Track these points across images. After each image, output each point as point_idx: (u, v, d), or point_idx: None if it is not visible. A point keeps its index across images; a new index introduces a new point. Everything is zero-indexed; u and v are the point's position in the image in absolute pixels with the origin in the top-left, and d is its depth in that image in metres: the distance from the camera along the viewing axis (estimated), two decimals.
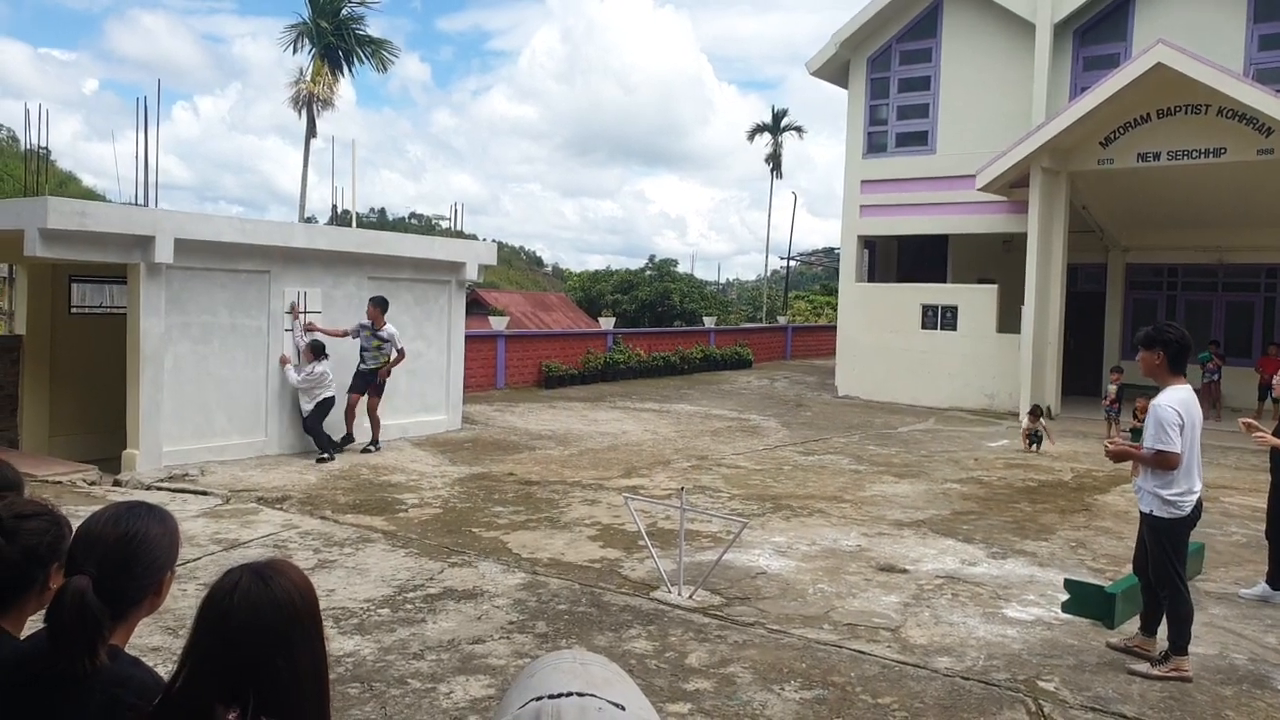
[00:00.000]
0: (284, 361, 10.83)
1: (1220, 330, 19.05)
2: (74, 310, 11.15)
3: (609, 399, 17.38)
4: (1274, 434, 6.44)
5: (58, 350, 10.91)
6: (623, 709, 1.00)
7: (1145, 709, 4.75)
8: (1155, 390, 5.28)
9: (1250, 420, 6.58)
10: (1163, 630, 5.27)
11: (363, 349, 11.29)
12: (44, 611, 1.75)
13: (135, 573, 1.77)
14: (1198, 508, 5.15)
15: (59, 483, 9.00)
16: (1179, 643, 5.13)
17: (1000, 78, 17.92)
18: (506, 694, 1.07)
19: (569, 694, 1.00)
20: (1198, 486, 5.12)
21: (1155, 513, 5.11)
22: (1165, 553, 5.12)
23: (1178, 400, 5.04)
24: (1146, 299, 20.21)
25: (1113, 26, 17.27)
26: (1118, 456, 5.47)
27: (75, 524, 1.88)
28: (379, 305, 11.32)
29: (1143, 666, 5.20)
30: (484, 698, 4.66)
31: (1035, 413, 13.39)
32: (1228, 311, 19.31)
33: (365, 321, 11.29)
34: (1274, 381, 6.97)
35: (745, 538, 7.30)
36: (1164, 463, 4.99)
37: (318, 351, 10.80)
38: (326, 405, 10.85)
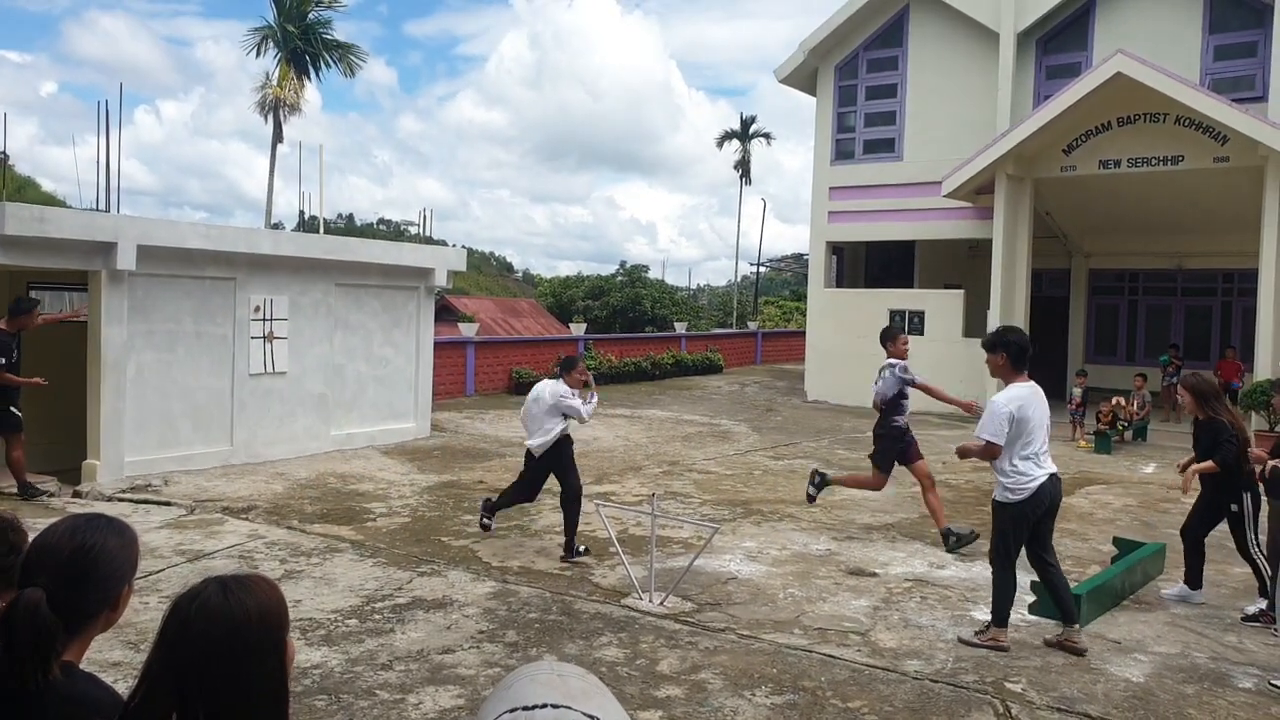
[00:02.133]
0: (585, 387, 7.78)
1: (1179, 334, 19.41)
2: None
3: None
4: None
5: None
6: None
7: (1110, 708, 4.82)
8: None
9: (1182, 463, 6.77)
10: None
11: (901, 397, 8.29)
12: None
13: (91, 587, 1.73)
14: (1042, 492, 5.46)
15: (11, 493, 8.81)
16: (999, 616, 5.57)
17: (966, 85, 18.15)
18: (482, 705, 1.06)
19: (544, 705, 1.00)
20: (1038, 473, 5.44)
21: (997, 497, 5.58)
22: (1004, 533, 5.56)
23: (1013, 396, 5.45)
24: (1108, 303, 20.55)
25: (1074, 36, 17.57)
26: (962, 453, 5.77)
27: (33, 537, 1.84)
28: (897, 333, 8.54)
29: (967, 634, 5.64)
30: (453, 708, 4.62)
31: None
32: (1186, 316, 19.68)
33: (893, 361, 8.27)
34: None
35: (716, 543, 7.32)
36: (988, 452, 5.47)
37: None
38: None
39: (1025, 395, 5.48)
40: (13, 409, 8.75)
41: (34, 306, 8.87)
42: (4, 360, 8.59)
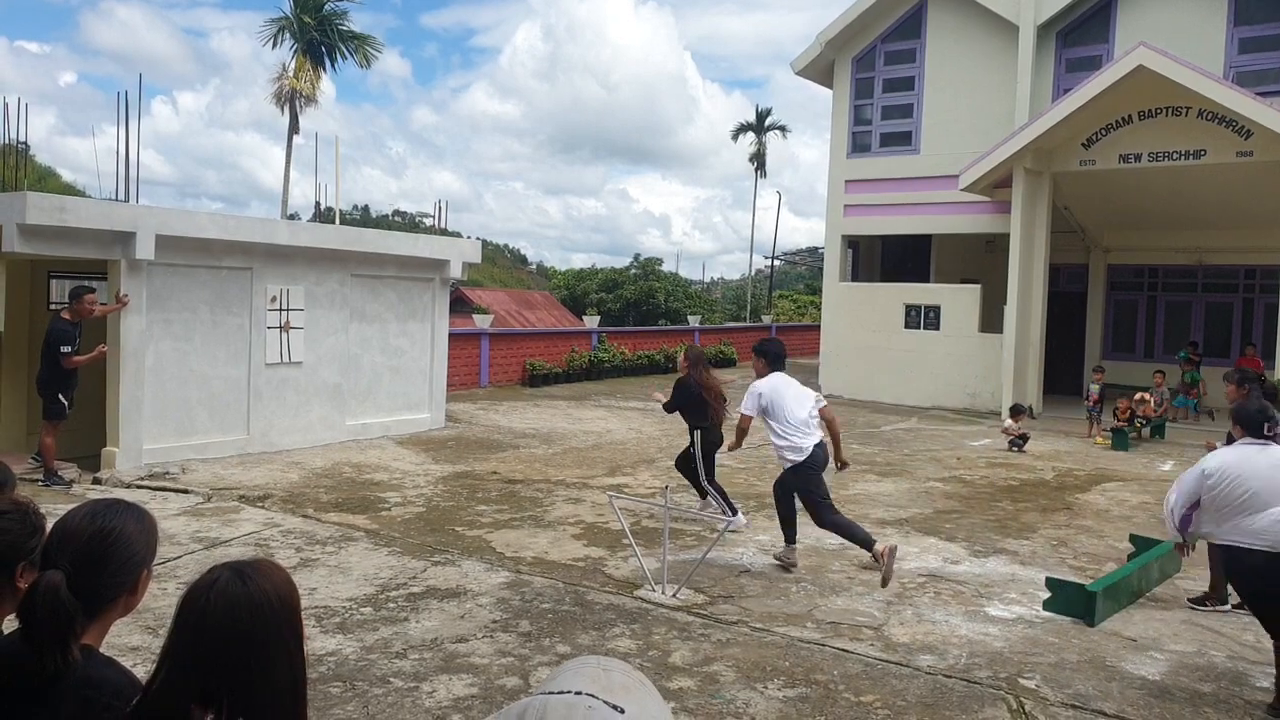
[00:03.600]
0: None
1: (1199, 331, 19.23)
2: (53, 306, 11.01)
3: (593, 397, 17.36)
4: None
5: (36, 347, 10.77)
6: (621, 711, 0.99)
7: (1125, 706, 4.79)
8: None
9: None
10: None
11: None
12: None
13: (110, 570, 1.75)
14: (815, 455, 6.84)
15: (36, 480, 8.91)
16: (788, 536, 7.09)
17: (984, 79, 18.01)
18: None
19: (565, 692, 1.00)
20: (805, 444, 6.81)
21: (788, 459, 6.92)
22: (784, 484, 7.03)
23: (765, 383, 7.06)
24: (1127, 300, 20.38)
25: (1095, 28, 17.39)
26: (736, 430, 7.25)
27: (52, 522, 1.86)
28: None
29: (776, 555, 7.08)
30: (466, 697, 4.64)
31: (1018, 411, 13.47)
32: (1207, 312, 19.50)
33: None
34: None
35: (729, 536, 7.31)
36: (743, 422, 7.11)
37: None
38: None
39: (777, 382, 7.04)
40: (61, 396, 8.97)
41: (87, 293, 9.15)
42: (70, 349, 8.88)
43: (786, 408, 6.88)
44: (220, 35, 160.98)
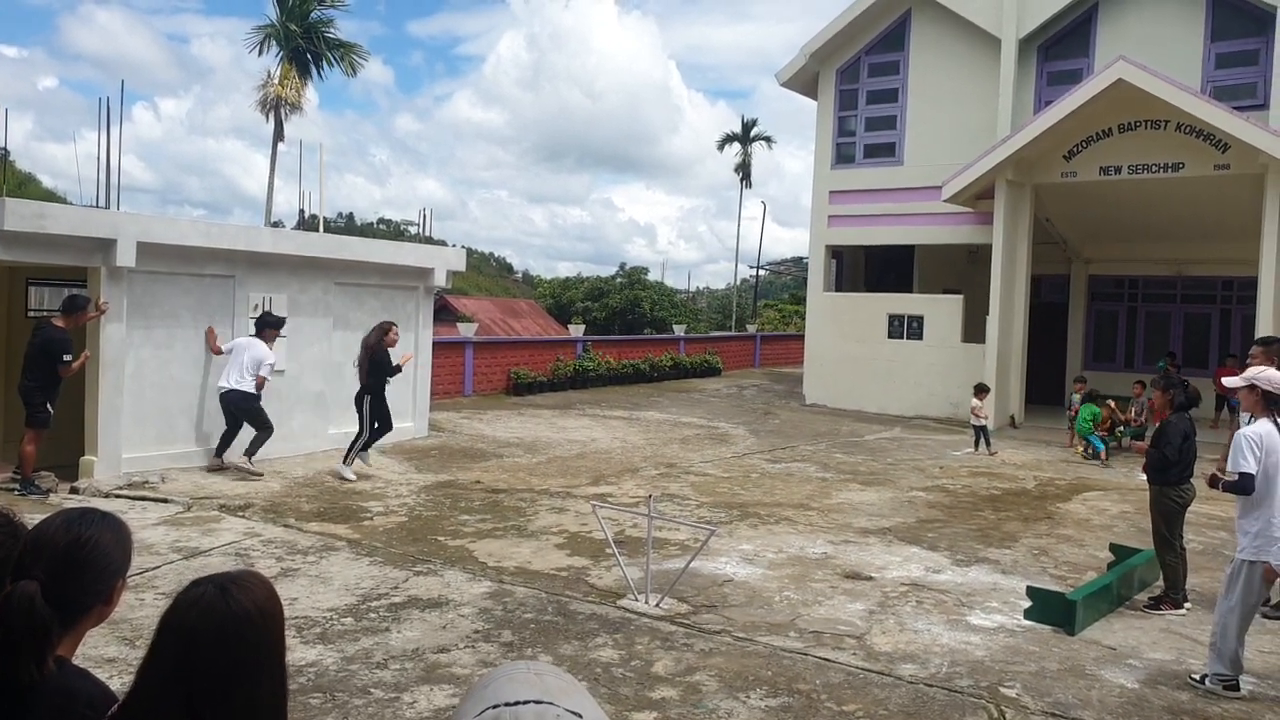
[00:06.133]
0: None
1: (1179, 341, 19.42)
2: (31, 313, 10.92)
3: (578, 406, 17.35)
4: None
5: (13, 354, 10.67)
6: (580, 717, 1.00)
7: (1104, 714, 4.82)
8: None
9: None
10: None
11: None
12: None
13: (85, 579, 1.73)
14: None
15: (12, 489, 8.81)
16: (254, 450, 10.02)
17: (967, 91, 18.17)
18: (460, 704, 1.06)
19: (526, 701, 1.00)
20: (223, 385, 10.03)
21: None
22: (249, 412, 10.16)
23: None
24: (1108, 310, 20.57)
25: (1076, 42, 17.59)
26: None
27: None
28: None
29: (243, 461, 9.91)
30: (447, 707, 4.62)
31: (981, 390, 13.82)
32: (1186, 323, 19.69)
33: None
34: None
35: (713, 545, 7.31)
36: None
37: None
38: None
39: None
40: (49, 405, 8.91)
41: (87, 304, 9.18)
42: (68, 357, 8.86)
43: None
44: (202, 41, 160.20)
